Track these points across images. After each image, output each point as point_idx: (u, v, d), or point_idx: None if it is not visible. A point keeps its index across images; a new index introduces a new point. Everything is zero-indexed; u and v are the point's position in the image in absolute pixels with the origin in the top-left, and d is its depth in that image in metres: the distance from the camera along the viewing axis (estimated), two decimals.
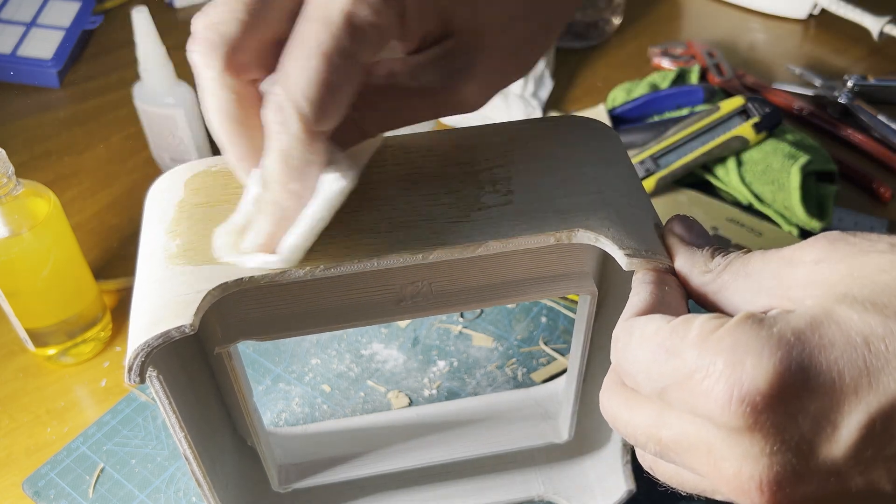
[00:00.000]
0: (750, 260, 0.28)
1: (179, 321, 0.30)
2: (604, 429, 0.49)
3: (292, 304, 0.37)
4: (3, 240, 0.51)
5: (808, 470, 0.24)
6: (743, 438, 0.24)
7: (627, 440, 0.29)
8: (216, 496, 0.41)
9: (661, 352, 0.26)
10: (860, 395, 0.23)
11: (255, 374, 0.59)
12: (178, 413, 0.35)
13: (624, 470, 0.46)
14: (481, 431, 0.49)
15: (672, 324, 0.27)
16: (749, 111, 0.68)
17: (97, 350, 0.60)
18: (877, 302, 0.24)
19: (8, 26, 0.87)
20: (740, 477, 0.24)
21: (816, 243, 0.27)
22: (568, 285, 0.39)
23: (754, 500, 0.24)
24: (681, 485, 0.29)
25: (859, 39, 0.90)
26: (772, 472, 0.24)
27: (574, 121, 0.39)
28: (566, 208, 0.34)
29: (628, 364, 0.28)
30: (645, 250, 0.32)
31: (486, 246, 0.33)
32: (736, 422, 0.24)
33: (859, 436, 0.23)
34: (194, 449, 0.37)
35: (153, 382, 0.33)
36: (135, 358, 0.31)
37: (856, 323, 0.23)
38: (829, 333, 0.24)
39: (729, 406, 0.24)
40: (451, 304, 0.38)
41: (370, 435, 0.49)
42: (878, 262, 0.25)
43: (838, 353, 0.23)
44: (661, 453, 0.27)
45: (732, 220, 0.67)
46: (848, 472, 0.24)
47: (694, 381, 0.25)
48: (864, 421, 0.23)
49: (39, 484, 0.52)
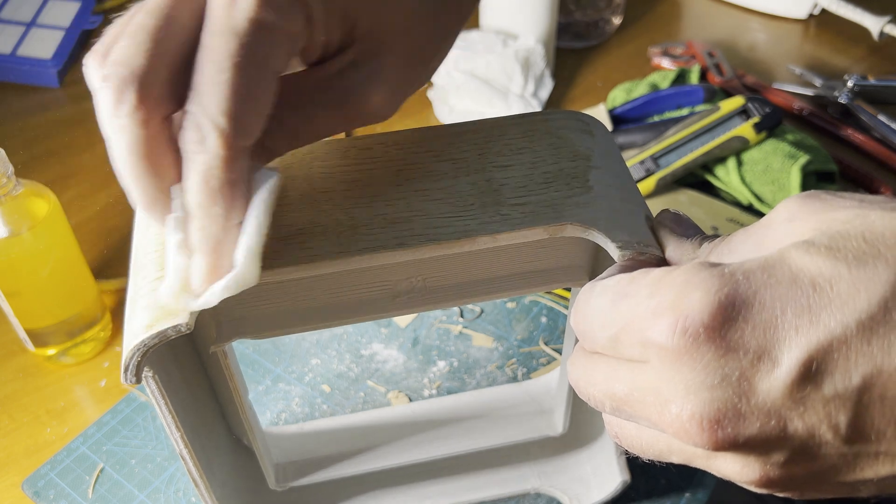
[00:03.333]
0: (732, 237, 0.29)
1: (175, 320, 0.30)
2: (598, 421, 0.49)
3: (287, 301, 0.37)
4: (3, 240, 0.51)
5: (748, 408, 0.24)
6: (685, 370, 0.24)
7: (589, 403, 0.29)
8: (213, 495, 0.41)
9: (617, 297, 0.27)
10: (800, 331, 0.23)
11: (255, 374, 0.59)
12: (174, 413, 0.35)
13: (618, 461, 0.47)
14: (477, 426, 0.49)
15: (631, 274, 0.27)
16: (749, 111, 0.68)
17: (97, 350, 0.60)
18: (832, 246, 0.24)
19: (8, 26, 0.87)
20: (682, 415, 0.24)
21: (789, 202, 0.27)
22: (561, 278, 0.39)
23: (696, 439, 0.24)
24: (641, 448, 0.29)
25: (859, 39, 0.90)
26: (712, 407, 0.24)
27: (565, 115, 0.40)
28: (558, 202, 0.35)
29: (585, 320, 0.28)
30: (637, 242, 0.32)
31: (480, 240, 0.33)
32: (678, 352, 0.24)
33: (797, 372, 0.23)
34: (191, 448, 0.37)
35: (149, 382, 0.34)
36: (131, 358, 0.31)
37: (806, 265, 0.24)
38: (777, 273, 0.24)
39: (672, 335, 0.24)
40: (446, 299, 0.38)
41: (366, 432, 0.49)
42: (844, 214, 0.25)
43: (783, 291, 0.23)
44: (616, 409, 0.27)
45: (732, 220, 0.67)
46: (787, 414, 0.24)
47: (644, 317, 0.25)
48: (802, 357, 0.23)
49: (39, 484, 0.52)
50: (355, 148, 0.37)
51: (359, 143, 0.37)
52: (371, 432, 0.49)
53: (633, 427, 0.29)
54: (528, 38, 0.82)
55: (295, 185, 0.35)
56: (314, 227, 0.33)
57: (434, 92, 0.83)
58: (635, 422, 0.28)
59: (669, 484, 0.51)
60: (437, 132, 0.38)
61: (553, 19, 0.82)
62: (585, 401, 0.29)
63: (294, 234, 0.33)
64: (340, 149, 0.37)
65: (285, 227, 0.33)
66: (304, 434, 0.50)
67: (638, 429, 0.29)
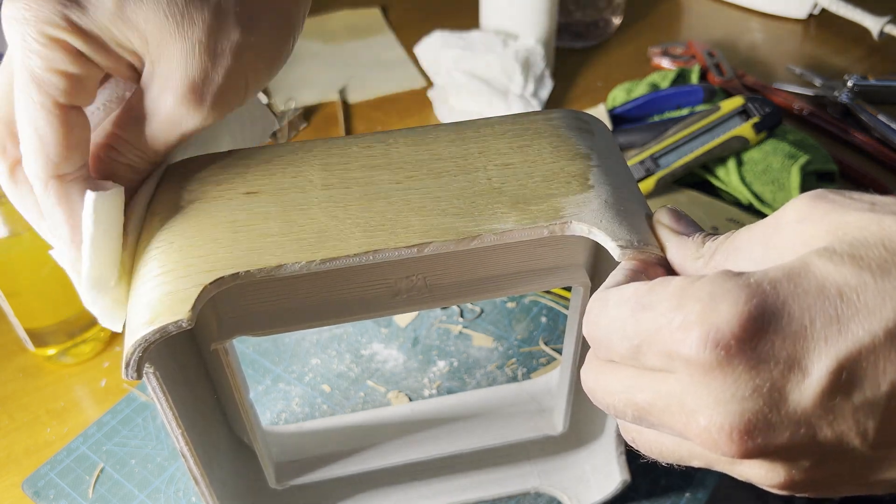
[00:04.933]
0: (737, 237, 0.29)
1: (176, 316, 0.31)
2: (598, 420, 0.49)
3: (288, 298, 0.37)
4: (3, 240, 0.51)
5: (779, 418, 0.24)
6: (715, 384, 0.24)
7: (608, 411, 0.29)
8: (213, 494, 0.41)
9: (637, 308, 0.26)
10: (829, 341, 0.23)
11: (255, 374, 0.59)
12: (174, 410, 0.36)
13: (618, 461, 0.47)
14: (477, 426, 0.49)
15: (650, 283, 0.27)
16: (749, 111, 0.68)
17: (97, 350, 0.60)
18: (854, 255, 0.24)
19: None
20: (711, 428, 0.24)
21: (798, 203, 0.27)
22: (561, 277, 0.39)
23: (725, 449, 0.24)
24: (661, 453, 0.29)
25: (859, 39, 0.90)
26: (742, 419, 0.24)
27: (565, 114, 0.40)
28: (559, 200, 0.35)
29: (601, 329, 0.28)
30: (637, 241, 0.32)
31: (480, 239, 0.33)
32: (709, 366, 0.24)
33: (828, 382, 0.23)
34: (191, 446, 0.38)
35: (150, 379, 0.34)
36: (132, 353, 0.31)
37: (831, 274, 0.24)
38: (804, 283, 0.24)
39: (703, 349, 0.24)
40: (447, 297, 0.38)
41: (366, 431, 0.49)
42: (858, 218, 0.25)
43: (811, 301, 0.23)
44: (638, 417, 0.27)
45: (732, 220, 0.67)
46: (817, 423, 0.24)
47: (670, 329, 0.25)
48: (832, 366, 0.23)
49: (39, 484, 0.52)
50: (356, 146, 0.37)
51: (359, 141, 0.37)
52: (371, 431, 0.49)
53: (652, 434, 0.29)
54: (528, 38, 0.82)
55: (295, 183, 0.35)
56: (315, 225, 0.33)
57: (434, 92, 0.83)
58: (657, 430, 0.27)
59: (669, 484, 0.51)
60: (437, 130, 0.38)
61: (553, 19, 0.82)
62: (603, 409, 0.29)
63: (296, 231, 0.33)
64: (341, 146, 0.37)
65: (288, 224, 0.34)
66: (304, 433, 0.50)
67: (658, 435, 0.28)
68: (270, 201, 0.34)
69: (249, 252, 0.32)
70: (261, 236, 0.33)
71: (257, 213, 0.34)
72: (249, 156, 0.37)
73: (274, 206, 0.34)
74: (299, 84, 0.87)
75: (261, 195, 0.35)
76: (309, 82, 0.87)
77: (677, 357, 0.25)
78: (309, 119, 0.82)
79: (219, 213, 0.34)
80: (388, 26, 0.96)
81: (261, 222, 0.34)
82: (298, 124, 0.81)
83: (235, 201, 0.35)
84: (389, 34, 0.95)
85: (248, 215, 0.34)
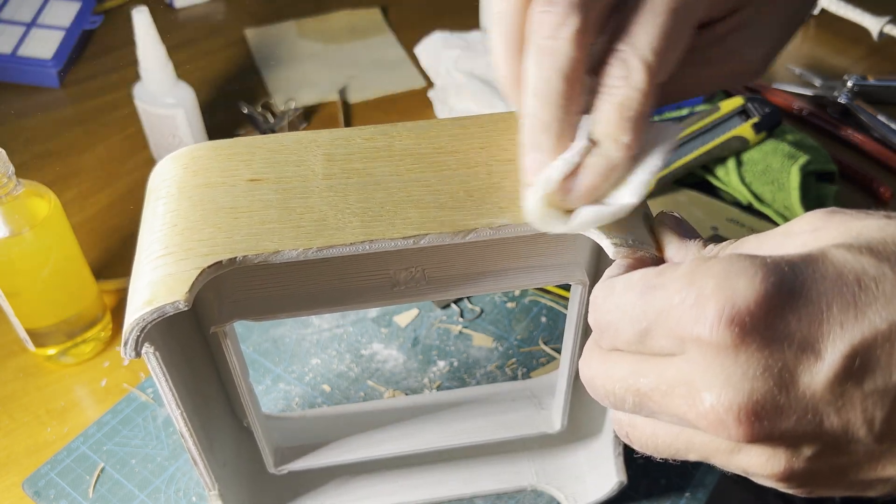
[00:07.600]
0: (743, 244, 0.29)
1: (174, 297, 0.31)
2: (596, 419, 0.49)
3: (289, 285, 0.38)
4: (3, 240, 0.51)
5: (787, 401, 0.23)
6: (727, 361, 0.24)
7: (606, 401, 0.28)
8: (212, 475, 0.42)
9: (646, 289, 0.26)
10: (845, 326, 0.23)
11: (256, 374, 0.59)
12: (174, 390, 0.36)
13: (616, 462, 0.47)
14: (475, 420, 0.49)
15: (659, 267, 0.27)
16: (749, 111, 0.68)
17: (97, 350, 0.60)
18: (873, 248, 0.24)
19: (8, 26, 0.87)
20: (718, 408, 0.24)
21: (812, 216, 0.27)
22: (559, 274, 0.39)
23: (731, 432, 0.24)
24: (656, 447, 0.28)
25: (859, 39, 0.90)
26: (752, 399, 0.23)
27: None
28: None
29: (608, 315, 0.27)
30: (633, 240, 0.33)
31: (476, 233, 0.34)
32: (723, 344, 0.23)
33: (841, 367, 0.23)
34: (190, 427, 0.38)
35: (150, 358, 0.34)
36: (130, 332, 0.32)
37: (850, 262, 0.24)
38: (822, 268, 0.24)
39: (718, 324, 0.23)
40: (444, 289, 0.39)
41: (365, 421, 0.50)
42: (874, 223, 0.25)
43: (829, 286, 0.23)
44: (638, 404, 0.27)
45: (732, 220, 0.67)
46: (825, 409, 0.23)
47: (683, 308, 0.24)
48: (846, 351, 0.23)
49: (39, 484, 0.52)
50: (360, 137, 0.38)
51: (363, 133, 0.38)
52: (370, 421, 0.50)
53: (648, 425, 0.28)
54: None
55: (298, 172, 0.36)
56: (315, 213, 0.34)
57: (435, 92, 0.83)
58: (657, 418, 0.27)
59: (669, 484, 0.51)
60: (440, 125, 0.39)
61: None
62: (599, 400, 0.28)
63: (295, 219, 0.34)
64: (344, 138, 0.38)
65: (288, 212, 0.34)
66: (305, 419, 0.50)
67: (654, 427, 0.28)
68: (273, 189, 0.35)
69: (248, 237, 0.33)
70: (261, 223, 0.34)
71: (259, 200, 0.35)
72: (255, 144, 0.37)
73: (276, 193, 0.35)
74: (299, 84, 0.87)
75: (263, 182, 0.35)
76: (309, 82, 0.87)
77: (688, 336, 0.24)
78: (309, 119, 0.82)
79: (222, 199, 0.35)
80: (388, 26, 0.96)
81: (262, 209, 0.34)
82: (298, 124, 0.81)
83: (239, 188, 0.35)
84: (389, 34, 0.95)
85: (249, 202, 0.35)
